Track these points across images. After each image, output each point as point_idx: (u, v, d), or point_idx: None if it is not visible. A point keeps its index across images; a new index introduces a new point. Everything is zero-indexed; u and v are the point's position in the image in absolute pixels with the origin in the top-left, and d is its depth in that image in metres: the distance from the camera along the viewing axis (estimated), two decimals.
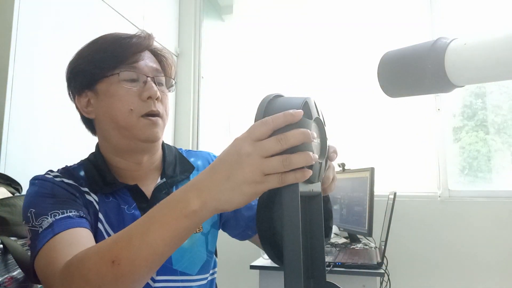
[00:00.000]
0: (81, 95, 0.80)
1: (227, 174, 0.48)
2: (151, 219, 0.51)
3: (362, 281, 1.55)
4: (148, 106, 0.76)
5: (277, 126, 0.48)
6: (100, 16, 1.88)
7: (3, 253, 0.88)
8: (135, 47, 0.77)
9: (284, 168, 0.46)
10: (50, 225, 0.64)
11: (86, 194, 0.76)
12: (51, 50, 1.56)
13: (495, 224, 2.09)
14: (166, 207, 0.51)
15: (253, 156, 0.47)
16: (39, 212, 0.67)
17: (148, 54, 0.81)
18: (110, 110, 0.76)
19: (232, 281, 2.31)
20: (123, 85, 0.75)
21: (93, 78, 0.77)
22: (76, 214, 0.68)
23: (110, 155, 0.81)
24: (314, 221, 0.56)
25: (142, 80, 0.77)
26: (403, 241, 2.17)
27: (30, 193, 0.73)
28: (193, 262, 0.81)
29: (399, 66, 0.60)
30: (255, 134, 0.48)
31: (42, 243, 0.62)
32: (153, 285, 0.76)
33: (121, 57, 0.76)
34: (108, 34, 0.81)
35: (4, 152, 1.32)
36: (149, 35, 0.81)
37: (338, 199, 2.19)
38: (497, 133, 2.32)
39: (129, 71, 0.76)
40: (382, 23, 2.46)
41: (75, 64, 0.80)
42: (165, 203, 0.51)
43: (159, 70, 0.81)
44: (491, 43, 0.52)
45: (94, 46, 0.79)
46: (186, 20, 2.77)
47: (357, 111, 2.46)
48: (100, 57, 0.76)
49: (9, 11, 1.38)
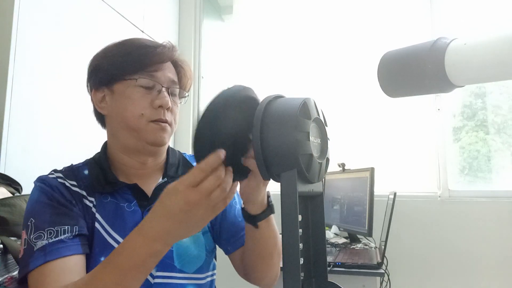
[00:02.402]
0: (98, 90, 0.84)
1: (181, 219, 0.56)
2: (120, 266, 0.59)
3: (362, 281, 1.55)
4: (158, 114, 0.79)
5: (213, 167, 0.54)
6: (100, 16, 1.88)
7: (3, 253, 0.88)
8: (157, 57, 0.81)
9: (226, 192, 0.55)
10: (43, 248, 0.69)
11: (84, 198, 0.79)
12: (51, 50, 1.56)
13: (495, 224, 2.09)
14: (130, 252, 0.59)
15: (201, 202, 0.54)
16: (37, 225, 0.71)
17: (169, 64, 0.84)
18: (123, 110, 0.79)
19: (232, 281, 2.31)
20: (138, 90, 0.79)
21: (112, 78, 0.81)
22: (68, 236, 0.72)
23: (117, 152, 0.84)
24: (315, 221, 0.56)
25: (157, 89, 0.81)
26: (403, 241, 2.17)
27: (33, 198, 0.76)
28: (192, 260, 0.83)
29: (399, 66, 0.60)
30: (196, 181, 0.54)
31: (33, 266, 0.68)
32: (152, 281, 0.77)
33: (142, 64, 0.79)
34: (136, 39, 0.85)
35: (4, 152, 1.32)
36: (173, 46, 0.85)
37: (338, 199, 2.19)
38: (497, 133, 2.32)
39: (146, 78, 0.80)
40: (382, 23, 2.46)
41: (99, 61, 0.84)
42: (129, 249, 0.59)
43: (175, 82, 0.85)
44: (491, 43, 0.52)
45: (120, 48, 0.82)
46: (186, 20, 2.77)
47: (357, 111, 2.46)
48: (123, 60, 0.80)
49: (9, 11, 1.38)
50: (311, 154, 0.50)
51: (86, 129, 1.69)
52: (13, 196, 1.06)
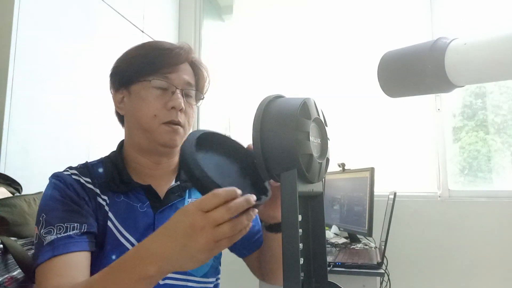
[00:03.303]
0: (117, 92, 0.86)
1: (182, 243, 0.52)
2: (111, 283, 0.58)
3: (362, 281, 1.55)
4: (171, 115, 0.80)
5: (229, 199, 0.51)
6: (100, 16, 1.88)
7: (3, 253, 0.88)
8: (173, 58, 0.82)
9: (234, 232, 0.51)
10: (52, 242, 0.71)
11: (97, 196, 0.80)
12: (51, 50, 1.55)
13: (495, 224, 2.09)
14: (124, 272, 0.57)
15: (206, 229, 0.51)
16: (48, 221, 0.73)
17: (185, 66, 0.86)
18: (137, 111, 0.81)
19: (232, 281, 2.31)
20: (152, 92, 0.81)
21: (129, 79, 0.83)
22: (77, 232, 0.73)
23: (132, 151, 0.86)
24: (315, 221, 0.56)
25: (171, 91, 0.82)
26: (403, 241, 2.16)
27: (46, 194, 0.78)
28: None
29: (399, 66, 0.60)
30: (206, 206, 0.51)
31: (42, 259, 0.69)
32: (161, 282, 0.78)
33: (158, 66, 0.81)
34: (155, 42, 0.87)
35: (4, 152, 1.32)
36: (190, 48, 0.86)
37: (338, 199, 2.19)
38: (497, 133, 2.32)
39: (161, 80, 0.81)
40: (382, 23, 2.46)
41: (119, 63, 0.86)
42: (123, 268, 0.57)
43: (191, 83, 0.86)
44: (491, 43, 0.51)
45: (138, 51, 0.85)
46: (186, 20, 2.77)
47: (357, 111, 2.46)
48: (139, 62, 0.82)
49: (9, 11, 1.38)
50: (311, 154, 0.50)
51: (86, 129, 1.69)
52: (13, 196, 1.06)
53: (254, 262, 0.93)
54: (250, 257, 0.93)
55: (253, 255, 0.92)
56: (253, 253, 0.92)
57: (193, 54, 0.87)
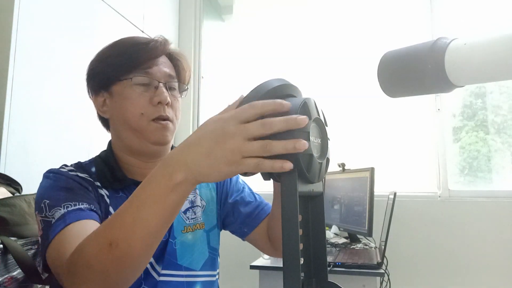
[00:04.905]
0: (98, 95, 0.83)
1: (208, 150, 0.48)
2: (138, 197, 0.52)
3: (362, 281, 1.55)
4: (158, 111, 0.78)
5: (265, 112, 0.48)
6: (100, 16, 1.88)
7: (3, 253, 0.88)
8: (150, 52, 0.80)
9: (264, 153, 0.46)
10: (62, 215, 0.66)
11: (99, 188, 0.79)
12: (51, 50, 1.56)
13: (495, 224, 2.09)
14: (151, 184, 0.52)
15: (236, 138, 0.47)
16: (52, 204, 0.69)
17: (164, 59, 0.83)
18: (123, 112, 0.79)
19: (232, 281, 2.31)
20: (135, 89, 0.78)
21: (108, 80, 0.80)
22: (87, 207, 0.70)
23: (122, 153, 0.84)
24: (315, 221, 0.56)
25: (154, 85, 0.79)
26: (403, 241, 2.17)
27: (44, 186, 0.75)
28: (196, 258, 0.84)
29: (399, 66, 0.60)
30: (242, 116, 0.48)
31: (54, 233, 0.64)
32: (158, 279, 0.78)
33: (136, 62, 0.79)
34: (126, 38, 0.84)
35: (4, 152, 1.32)
36: (166, 40, 0.84)
37: (338, 199, 2.19)
38: (497, 133, 2.32)
39: (142, 76, 0.79)
40: (382, 23, 2.46)
41: (94, 65, 0.83)
42: (149, 180, 0.52)
43: (172, 75, 0.83)
44: (491, 43, 0.51)
45: (112, 50, 0.82)
46: (186, 20, 2.77)
47: (357, 111, 2.46)
48: (116, 61, 0.79)
49: (9, 11, 1.38)
50: (311, 154, 0.50)
51: (86, 129, 1.69)
52: (13, 196, 1.06)
53: (260, 238, 0.90)
54: (254, 234, 0.90)
55: (256, 231, 0.90)
56: (255, 229, 0.90)
57: (169, 46, 0.84)
